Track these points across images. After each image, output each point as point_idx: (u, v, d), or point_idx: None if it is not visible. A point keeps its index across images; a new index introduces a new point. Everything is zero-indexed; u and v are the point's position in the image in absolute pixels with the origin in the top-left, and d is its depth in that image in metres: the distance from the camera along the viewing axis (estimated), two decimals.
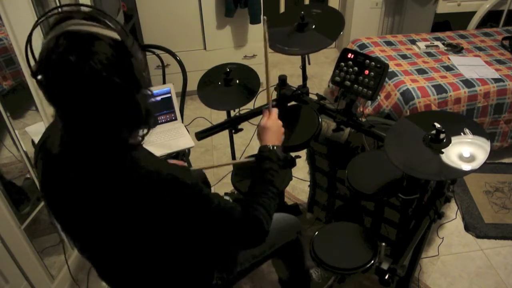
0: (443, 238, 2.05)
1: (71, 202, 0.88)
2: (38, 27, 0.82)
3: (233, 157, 2.02)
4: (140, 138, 0.88)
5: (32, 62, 0.79)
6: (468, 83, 2.35)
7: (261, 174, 1.08)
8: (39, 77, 0.75)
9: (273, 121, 1.22)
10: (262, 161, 1.11)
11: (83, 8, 0.79)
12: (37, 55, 0.77)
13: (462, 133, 1.18)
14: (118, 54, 0.75)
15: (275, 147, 1.14)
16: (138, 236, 0.89)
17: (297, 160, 1.68)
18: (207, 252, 1.20)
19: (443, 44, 2.84)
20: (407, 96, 2.28)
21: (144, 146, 0.91)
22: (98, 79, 0.72)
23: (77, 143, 0.83)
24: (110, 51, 0.73)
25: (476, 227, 2.12)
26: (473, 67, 2.53)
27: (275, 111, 1.26)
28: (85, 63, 0.71)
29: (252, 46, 3.18)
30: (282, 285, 1.68)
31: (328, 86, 3.15)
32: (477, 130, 1.19)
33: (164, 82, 2.16)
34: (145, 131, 0.87)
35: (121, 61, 0.75)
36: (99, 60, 0.72)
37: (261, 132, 1.21)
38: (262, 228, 0.98)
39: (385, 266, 1.23)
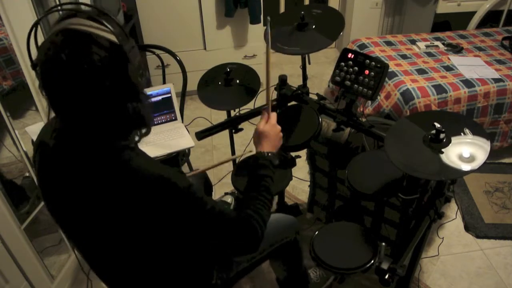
0: (443, 238, 2.05)
1: (65, 197, 0.89)
2: (38, 26, 0.83)
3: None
4: (135, 140, 0.88)
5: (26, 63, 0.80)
6: (468, 83, 2.35)
7: (256, 181, 1.07)
8: (38, 68, 0.78)
9: (271, 126, 1.18)
10: (258, 168, 1.09)
11: (86, 8, 0.80)
12: (34, 53, 0.78)
13: (462, 133, 1.18)
14: (113, 57, 0.76)
15: (269, 154, 1.12)
16: (130, 235, 0.89)
17: (297, 160, 1.68)
18: (206, 252, 1.20)
19: (443, 44, 2.83)
20: (407, 96, 2.28)
21: (144, 146, 0.91)
22: (88, 80, 0.74)
23: (68, 138, 0.85)
24: (104, 53, 0.75)
25: (476, 227, 2.12)
26: (473, 67, 2.52)
27: (274, 115, 1.21)
28: (76, 62, 0.73)
29: (252, 46, 3.18)
30: (280, 285, 1.68)
31: (328, 86, 3.15)
32: (477, 130, 1.19)
33: (164, 82, 2.16)
34: (139, 133, 0.88)
35: (115, 65, 0.77)
36: (91, 61, 0.73)
37: (258, 137, 1.18)
38: (256, 235, 0.97)
39: (385, 266, 1.22)
